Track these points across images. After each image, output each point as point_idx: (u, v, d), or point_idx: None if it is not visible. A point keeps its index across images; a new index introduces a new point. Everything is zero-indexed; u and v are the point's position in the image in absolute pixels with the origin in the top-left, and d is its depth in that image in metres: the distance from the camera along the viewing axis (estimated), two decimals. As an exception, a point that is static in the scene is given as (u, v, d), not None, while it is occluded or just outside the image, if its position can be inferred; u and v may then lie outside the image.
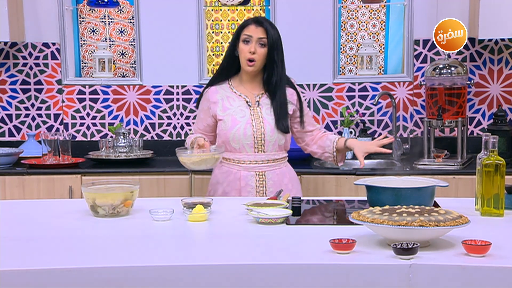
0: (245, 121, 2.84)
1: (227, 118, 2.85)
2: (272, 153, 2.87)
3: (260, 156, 2.85)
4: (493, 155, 2.30)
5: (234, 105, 2.87)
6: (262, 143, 2.84)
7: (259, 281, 1.79)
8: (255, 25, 2.85)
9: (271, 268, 1.81)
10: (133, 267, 1.81)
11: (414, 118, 4.02)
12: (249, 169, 2.85)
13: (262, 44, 2.83)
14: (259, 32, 2.83)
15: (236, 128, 2.83)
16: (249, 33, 2.84)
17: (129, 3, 4.21)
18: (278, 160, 2.89)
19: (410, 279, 1.75)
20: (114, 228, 2.23)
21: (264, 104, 2.88)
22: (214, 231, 2.23)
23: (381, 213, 1.94)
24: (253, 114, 2.85)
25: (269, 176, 2.87)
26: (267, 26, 2.84)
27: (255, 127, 2.83)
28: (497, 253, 1.82)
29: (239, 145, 2.84)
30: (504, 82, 3.96)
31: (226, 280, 1.79)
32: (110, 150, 3.84)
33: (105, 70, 4.13)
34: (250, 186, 2.85)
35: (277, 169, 2.89)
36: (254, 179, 2.85)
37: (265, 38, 2.83)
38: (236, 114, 2.85)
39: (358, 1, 4.18)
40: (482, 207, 2.31)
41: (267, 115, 2.86)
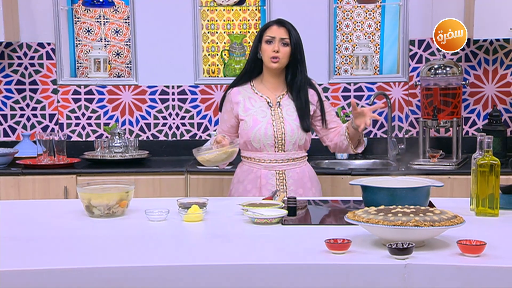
0: (266, 121, 2.90)
1: (248, 119, 2.92)
2: (292, 152, 2.93)
3: (280, 155, 2.92)
4: (488, 155, 2.31)
5: (256, 106, 2.94)
6: (282, 142, 2.91)
7: (254, 281, 1.79)
8: (277, 26, 2.93)
9: (266, 268, 1.81)
10: (128, 267, 1.81)
11: (410, 118, 4.02)
12: (269, 168, 2.92)
13: (285, 43, 2.91)
14: (281, 33, 2.91)
15: (257, 128, 2.90)
16: (271, 34, 2.92)
17: (124, 3, 4.21)
18: (298, 159, 2.96)
19: (405, 279, 1.75)
20: (109, 229, 2.23)
21: (285, 104, 2.94)
22: (209, 231, 2.24)
23: (376, 213, 1.94)
24: (274, 114, 2.92)
25: (289, 175, 2.93)
26: (289, 27, 2.93)
27: (275, 127, 2.90)
28: (492, 253, 1.83)
29: (260, 145, 2.91)
30: (499, 82, 3.97)
31: (221, 280, 1.79)
32: (105, 150, 3.84)
33: (100, 70, 4.13)
34: (271, 185, 2.91)
35: (297, 168, 2.95)
36: (274, 177, 2.92)
37: (287, 38, 2.91)
38: (258, 114, 2.92)
39: (353, 1, 4.19)
40: (477, 207, 2.32)
41: (288, 115, 2.92)
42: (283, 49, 2.90)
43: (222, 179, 3.63)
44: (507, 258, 1.82)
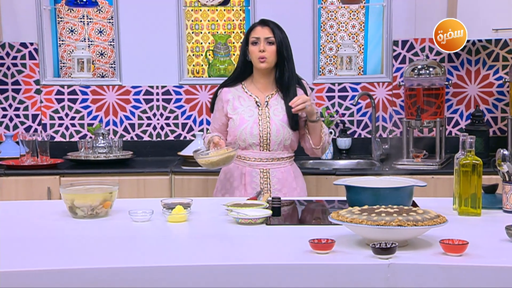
0: (253, 121, 2.94)
1: (236, 117, 2.96)
2: (277, 152, 2.96)
3: (265, 154, 2.95)
4: (470, 155, 2.33)
5: (244, 105, 2.98)
6: (267, 142, 2.94)
7: (238, 281, 1.79)
8: (261, 26, 2.98)
9: (250, 269, 1.81)
10: (112, 268, 1.80)
11: (393, 119, 4.04)
12: (254, 166, 2.96)
13: (270, 42, 2.94)
14: (265, 32, 2.96)
15: (243, 126, 2.94)
16: (256, 35, 2.96)
17: (108, 3, 4.19)
18: (283, 159, 2.98)
19: (389, 278, 1.76)
20: (93, 229, 2.22)
21: (273, 104, 2.98)
22: (193, 231, 2.23)
23: (360, 213, 1.95)
24: (261, 114, 2.96)
25: (273, 174, 2.96)
26: (273, 26, 2.97)
27: (261, 126, 2.93)
28: (474, 252, 1.84)
29: (246, 144, 2.95)
30: (481, 82, 4.00)
31: (205, 280, 1.79)
32: (89, 150, 3.82)
33: (84, 70, 4.11)
34: (255, 183, 2.95)
35: (282, 168, 2.98)
36: (258, 176, 2.95)
37: (272, 37, 2.94)
38: (245, 113, 2.96)
39: (337, 2, 4.20)
40: (460, 207, 2.34)
41: (275, 115, 2.96)
42: (268, 48, 2.94)
43: (206, 179, 3.62)
44: (489, 257, 1.83)
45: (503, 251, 1.90)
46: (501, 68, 3.98)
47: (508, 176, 2.36)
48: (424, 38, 3.99)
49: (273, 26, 2.98)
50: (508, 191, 2.35)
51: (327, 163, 3.92)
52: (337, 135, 4.05)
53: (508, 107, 3.93)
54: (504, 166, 2.36)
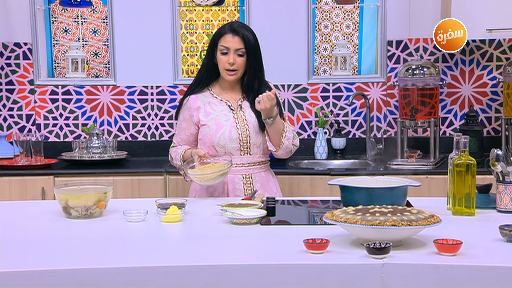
0: (230, 125, 2.80)
1: (210, 123, 2.80)
2: (257, 155, 2.84)
3: (247, 159, 2.82)
4: (464, 155, 2.33)
5: (217, 110, 2.83)
6: (248, 145, 2.81)
7: (232, 281, 1.79)
8: (232, 35, 2.79)
9: (245, 269, 1.81)
10: (106, 268, 1.80)
11: (388, 119, 4.05)
12: (236, 172, 2.81)
13: (241, 54, 2.79)
14: (236, 43, 2.78)
15: (221, 132, 2.79)
16: (226, 45, 2.78)
17: (102, 3, 4.18)
18: (263, 163, 2.88)
19: (383, 278, 1.76)
20: (87, 230, 2.22)
21: (246, 107, 2.85)
22: (188, 232, 2.23)
23: (354, 213, 1.95)
24: (237, 117, 2.82)
25: (256, 179, 2.84)
26: (244, 34, 2.79)
27: (240, 129, 2.79)
28: (468, 252, 1.85)
29: (225, 149, 2.79)
30: (475, 82, 4.01)
31: (200, 280, 1.79)
32: (83, 151, 3.81)
33: (78, 70, 4.10)
34: (238, 190, 2.81)
35: (263, 172, 2.87)
36: (241, 182, 2.82)
37: (243, 48, 2.78)
38: (220, 118, 2.81)
39: (332, 2, 4.20)
40: (454, 207, 2.34)
41: (251, 117, 2.81)
42: (238, 60, 2.78)
43: (201, 179, 3.62)
44: (483, 257, 1.84)
45: (497, 250, 1.91)
46: (495, 68, 3.99)
47: (502, 176, 2.37)
48: (418, 38, 4.00)
49: (245, 34, 2.78)
50: (502, 191, 2.36)
51: (322, 163, 3.92)
52: (331, 135, 4.05)
53: (502, 107, 3.94)
54: (498, 166, 2.37)
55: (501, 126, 3.82)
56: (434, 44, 3.97)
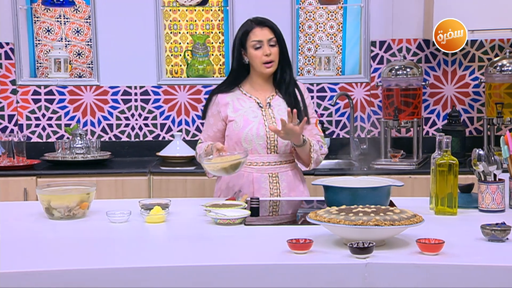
0: (258, 121, 2.76)
1: (238, 119, 2.76)
2: (284, 154, 2.78)
3: (273, 157, 2.76)
4: (446, 155, 2.35)
5: (245, 106, 2.79)
6: (275, 143, 2.75)
7: (216, 281, 1.79)
8: (260, 27, 2.78)
9: (229, 269, 1.81)
10: (89, 269, 1.79)
11: (371, 119, 4.07)
12: (262, 171, 2.76)
13: (273, 44, 2.77)
14: (266, 33, 2.77)
15: (248, 128, 2.74)
16: (257, 38, 2.76)
17: (85, 2, 4.15)
18: (290, 162, 2.81)
19: (366, 278, 1.77)
20: (70, 231, 2.21)
21: (276, 105, 2.80)
22: (171, 232, 2.23)
23: (337, 213, 1.96)
24: (265, 114, 2.78)
25: (282, 178, 2.78)
26: (271, 24, 2.79)
27: (268, 127, 2.74)
28: (450, 251, 1.86)
29: (251, 146, 2.74)
30: (458, 83, 4.04)
31: (183, 281, 1.79)
32: (66, 151, 3.79)
33: (61, 71, 4.07)
34: (264, 189, 2.75)
35: (290, 170, 2.81)
36: (267, 181, 2.76)
37: (274, 37, 2.77)
38: (248, 114, 2.77)
39: (315, 3, 4.22)
40: (436, 206, 2.36)
41: (279, 115, 2.74)
42: (273, 50, 2.76)
43: (185, 180, 3.62)
44: (465, 256, 1.86)
45: (478, 249, 1.93)
46: (477, 68, 4.03)
47: (484, 176, 2.39)
48: (402, 39, 4.02)
49: (271, 24, 2.79)
50: (483, 191, 2.38)
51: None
52: (315, 135, 4.06)
53: (484, 107, 3.98)
54: (479, 165, 2.39)
55: (483, 126, 3.86)
56: (417, 44, 4.01)
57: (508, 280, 1.76)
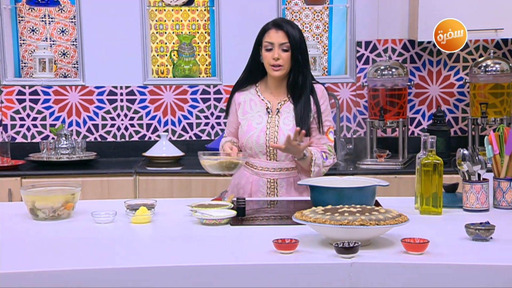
0: (260, 129, 2.76)
1: (244, 123, 2.80)
2: (285, 162, 2.77)
3: (272, 164, 2.77)
4: (431, 155, 2.36)
5: (254, 110, 2.81)
6: (274, 152, 2.76)
7: (202, 282, 1.79)
8: (275, 30, 2.75)
9: (215, 269, 1.81)
10: (74, 270, 1.79)
11: (357, 119, 4.08)
12: (261, 175, 2.78)
13: (285, 49, 2.73)
14: (280, 37, 2.74)
15: (250, 134, 2.77)
16: (270, 40, 2.75)
17: (70, 2, 4.13)
18: (292, 169, 2.79)
19: (351, 277, 1.78)
20: (54, 231, 2.19)
21: (285, 112, 2.79)
22: (157, 233, 2.22)
23: (323, 212, 1.97)
24: (270, 122, 2.77)
25: (281, 184, 2.77)
26: (288, 29, 2.74)
27: (268, 135, 2.75)
28: (434, 251, 1.87)
29: (252, 152, 2.78)
30: (442, 83, 4.07)
31: (169, 281, 1.78)
32: (51, 151, 3.76)
33: (46, 71, 4.05)
34: (261, 193, 2.78)
35: (290, 178, 2.79)
36: (265, 185, 2.78)
37: (287, 42, 2.73)
38: (253, 120, 2.79)
39: (301, 3, 4.22)
40: (421, 206, 2.37)
41: (284, 124, 2.76)
42: (283, 55, 2.72)
43: (171, 180, 3.61)
44: (449, 255, 1.87)
45: (462, 249, 1.94)
46: (461, 69, 4.05)
47: (468, 175, 2.41)
48: (387, 39, 4.04)
49: (288, 29, 2.74)
50: (468, 190, 2.39)
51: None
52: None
53: (468, 107, 4.00)
54: (464, 165, 2.40)
55: (467, 126, 3.88)
56: (402, 44, 4.03)
57: (492, 279, 1.77)
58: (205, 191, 3.54)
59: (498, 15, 3.65)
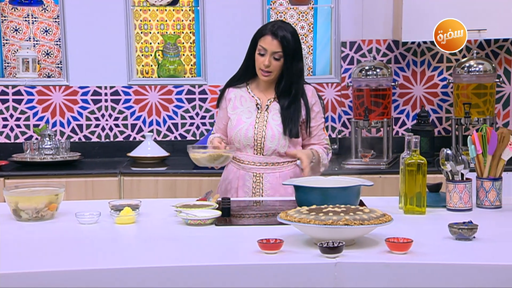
0: (249, 123, 2.82)
1: (233, 117, 2.85)
2: (271, 156, 2.82)
3: (258, 158, 2.82)
4: (415, 155, 2.38)
5: (244, 106, 2.86)
6: (261, 146, 2.81)
7: (186, 282, 1.78)
8: (272, 37, 2.76)
9: (199, 270, 1.81)
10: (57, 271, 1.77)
11: (342, 119, 4.09)
12: (247, 170, 2.83)
13: (277, 58, 2.76)
14: (274, 46, 2.75)
15: (238, 128, 2.82)
16: (264, 46, 2.77)
17: (53, 2, 4.11)
18: (279, 164, 2.83)
19: (336, 277, 1.78)
20: (38, 232, 2.18)
21: (274, 109, 2.84)
22: (142, 233, 2.21)
23: (308, 212, 1.97)
24: (259, 117, 2.83)
25: (266, 179, 2.81)
26: (284, 38, 2.75)
27: (257, 129, 2.80)
28: (418, 250, 1.88)
29: (240, 145, 2.83)
30: (426, 83, 4.09)
31: (153, 282, 1.78)
32: (35, 152, 3.74)
33: (29, 70, 4.02)
34: (247, 187, 2.83)
35: (277, 172, 2.83)
36: (251, 180, 2.82)
37: (280, 51, 2.75)
38: (242, 115, 2.84)
39: (286, 3, 4.23)
40: (405, 205, 2.38)
41: (273, 120, 2.81)
42: (274, 63, 2.77)
43: (156, 180, 3.60)
44: (432, 255, 1.88)
45: (446, 248, 1.95)
46: (445, 69, 4.08)
47: (451, 175, 2.42)
48: (371, 40, 4.06)
49: (285, 38, 2.75)
50: (451, 190, 2.41)
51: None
52: (286, 135, 4.07)
53: (452, 107, 4.03)
54: (447, 165, 2.42)
55: (451, 126, 3.91)
56: (387, 45, 4.05)
57: (474, 278, 1.78)
58: (190, 191, 3.54)
59: (481, 15, 3.68)
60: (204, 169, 3.62)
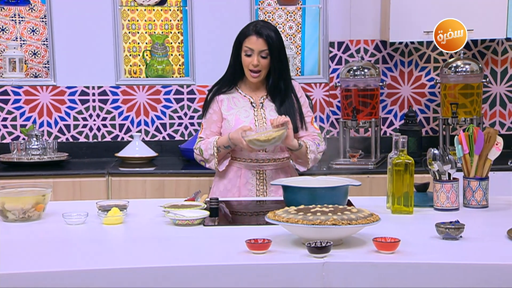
0: (249, 121, 2.81)
1: (231, 118, 2.84)
2: (273, 153, 2.84)
3: (261, 155, 2.83)
4: (402, 155, 2.39)
5: (239, 105, 2.86)
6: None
7: (175, 282, 1.78)
8: (256, 37, 2.79)
9: (187, 270, 1.81)
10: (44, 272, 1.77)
11: (330, 119, 4.10)
12: (250, 167, 2.84)
13: (264, 56, 2.79)
14: (259, 45, 2.79)
15: (239, 127, 2.78)
16: (250, 46, 2.79)
17: (40, 1, 4.09)
18: (280, 160, 2.87)
19: (324, 277, 1.79)
20: (24, 233, 2.17)
21: (268, 105, 2.87)
22: (129, 233, 2.21)
23: (296, 212, 1.97)
24: (257, 115, 2.84)
25: (269, 175, 2.84)
26: (268, 36, 2.78)
27: (257, 127, 2.80)
28: (405, 250, 1.89)
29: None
30: (414, 83, 4.11)
31: (141, 282, 1.77)
32: (22, 152, 3.72)
33: (16, 70, 4.00)
34: (251, 185, 2.84)
35: (279, 168, 2.87)
36: (254, 177, 2.84)
37: (266, 49, 2.79)
38: (240, 114, 2.84)
39: (274, 3, 4.23)
40: (393, 205, 2.39)
41: (271, 116, 2.82)
42: (262, 61, 2.80)
43: (144, 181, 3.59)
44: (420, 254, 1.89)
45: (433, 247, 1.96)
46: (432, 69, 4.10)
47: (439, 175, 2.44)
48: (359, 40, 4.07)
49: (269, 36, 2.79)
50: (438, 190, 2.42)
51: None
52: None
53: (439, 107, 4.05)
54: (434, 165, 2.43)
55: (438, 126, 3.93)
56: (374, 45, 4.06)
57: (462, 277, 1.79)
58: (179, 191, 3.53)
59: (468, 16, 3.70)
60: (192, 169, 3.62)
